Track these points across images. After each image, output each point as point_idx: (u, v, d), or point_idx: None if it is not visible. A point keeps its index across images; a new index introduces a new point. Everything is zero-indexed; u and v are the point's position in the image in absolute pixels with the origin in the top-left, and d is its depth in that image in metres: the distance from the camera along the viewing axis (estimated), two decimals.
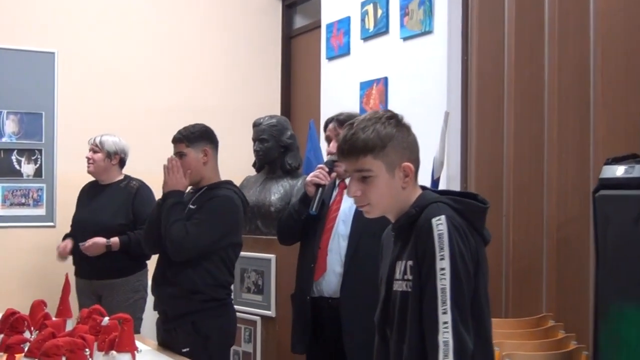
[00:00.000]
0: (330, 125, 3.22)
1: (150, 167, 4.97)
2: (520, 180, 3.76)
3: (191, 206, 3.31)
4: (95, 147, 4.33)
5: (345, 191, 3.16)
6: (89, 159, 4.34)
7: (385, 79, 4.62)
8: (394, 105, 4.52)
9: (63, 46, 5.33)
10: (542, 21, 3.68)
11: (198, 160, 3.35)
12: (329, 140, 3.24)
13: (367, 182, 1.92)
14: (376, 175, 1.91)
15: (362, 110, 4.78)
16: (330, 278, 3.11)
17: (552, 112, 3.60)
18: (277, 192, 4.41)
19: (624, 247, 2.73)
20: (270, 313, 4.16)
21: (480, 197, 1.96)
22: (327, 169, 3.15)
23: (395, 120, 1.95)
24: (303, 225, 3.22)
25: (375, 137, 1.89)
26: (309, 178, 3.18)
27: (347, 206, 3.17)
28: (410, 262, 1.88)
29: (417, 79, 4.37)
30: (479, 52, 4.08)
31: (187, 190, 3.43)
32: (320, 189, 3.12)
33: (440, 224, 1.82)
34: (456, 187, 4.05)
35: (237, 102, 5.92)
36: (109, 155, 4.34)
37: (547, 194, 3.61)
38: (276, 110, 5.96)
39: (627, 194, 2.74)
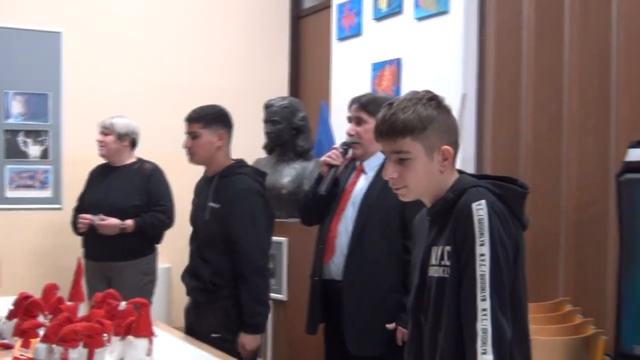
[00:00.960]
0: (353, 106, 3.16)
1: (158, 147, 4.95)
2: (538, 162, 3.70)
3: (212, 204, 3.22)
4: (106, 130, 4.28)
5: (361, 174, 3.18)
6: (100, 142, 4.29)
7: (399, 60, 4.55)
8: (407, 87, 4.45)
9: (69, 26, 5.25)
10: None
11: (212, 144, 3.26)
12: (349, 120, 3.19)
13: (404, 165, 1.86)
14: (414, 157, 1.85)
15: (375, 90, 4.71)
16: (339, 261, 3.10)
17: (572, 92, 3.54)
18: (288, 174, 4.37)
19: None
20: (282, 297, 4.14)
21: (520, 182, 1.90)
22: (340, 150, 3.11)
23: (436, 101, 1.89)
24: (320, 205, 3.20)
25: (416, 118, 1.84)
26: (322, 158, 3.16)
27: (359, 189, 3.14)
28: (448, 248, 1.82)
29: (432, 60, 4.30)
30: (497, 32, 4.01)
31: (199, 181, 3.44)
32: (333, 169, 3.10)
33: (480, 209, 1.76)
34: (470, 169, 3.99)
35: (244, 83, 5.85)
36: (120, 137, 4.29)
37: (565, 176, 3.56)
38: (284, 91, 5.90)
39: None
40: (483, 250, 1.73)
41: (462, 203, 1.80)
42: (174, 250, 4.93)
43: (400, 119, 1.84)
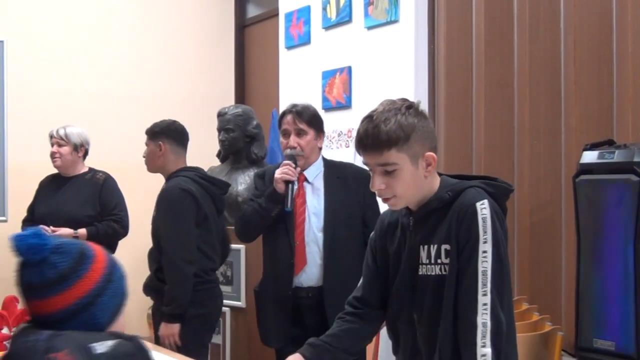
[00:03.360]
0: (289, 118, 3.16)
1: (104, 156, 4.88)
2: (491, 166, 3.82)
3: (154, 212, 3.54)
4: (61, 141, 4.19)
5: (304, 184, 3.21)
6: (54, 153, 4.19)
7: (349, 68, 4.62)
8: (358, 95, 4.54)
9: (12, 34, 5.13)
10: (512, 8, 3.74)
11: (155, 153, 3.57)
12: (287, 133, 3.18)
13: (391, 175, 1.87)
14: (401, 168, 1.86)
15: (325, 98, 4.78)
16: (312, 270, 3.17)
17: (522, 99, 3.67)
18: (243, 182, 4.38)
19: (606, 230, 2.82)
20: (241, 304, 4.14)
21: (500, 180, 1.98)
22: (293, 165, 3.11)
23: (414, 109, 1.90)
24: (270, 222, 3.18)
25: (398, 129, 1.84)
26: (277, 175, 3.09)
27: (313, 198, 3.21)
28: (445, 246, 1.87)
29: (383, 68, 4.39)
30: (447, 41, 4.12)
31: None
32: (290, 184, 3.08)
33: (484, 208, 1.83)
34: None
35: (191, 92, 5.85)
36: (76, 147, 4.21)
37: (518, 180, 3.68)
38: (230, 100, 5.91)
39: (608, 178, 2.82)
40: (486, 247, 1.80)
41: (466, 203, 1.85)
42: (123, 261, 4.86)
43: (384, 131, 1.84)
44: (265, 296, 3.29)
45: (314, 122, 3.18)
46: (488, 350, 1.75)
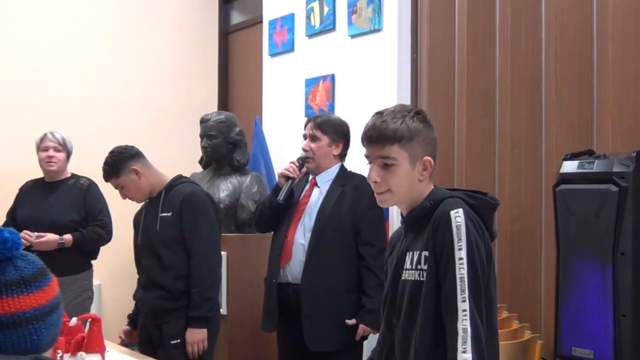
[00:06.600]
0: (309, 125, 3.41)
1: (85, 162, 4.83)
2: (472, 175, 3.85)
3: (164, 214, 3.35)
4: (59, 146, 4.18)
5: (314, 187, 3.42)
6: (51, 157, 4.16)
7: (332, 76, 4.64)
8: (342, 102, 4.55)
9: None
10: (494, 18, 3.78)
11: (136, 182, 3.37)
12: (305, 137, 3.43)
13: (389, 170, 1.96)
14: (399, 164, 1.95)
15: (308, 106, 4.79)
16: (295, 266, 3.35)
17: (504, 108, 3.71)
18: (225, 188, 4.38)
19: (585, 239, 2.85)
20: (222, 311, 4.12)
21: (490, 195, 2.03)
22: (297, 164, 3.36)
23: (422, 116, 2.00)
24: (275, 214, 3.43)
25: (405, 128, 1.94)
26: (280, 170, 3.39)
27: (314, 200, 3.40)
28: (425, 253, 1.92)
29: (366, 77, 4.41)
30: (430, 50, 4.15)
31: (141, 207, 3.55)
32: (290, 180, 3.35)
33: (458, 216, 1.87)
34: None
35: (174, 99, 5.83)
36: (69, 154, 4.26)
37: (499, 189, 3.71)
38: (214, 107, 5.90)
39: (587, 188, 2.85)
40: (461, 254, 1.85)
41: (441, 211, 1.91)
42: (104, 267, 4.87)
43: (391, 127, 1.94)
44: (265, 285, 3.52)
45: (329, 130, 3.39)
46: (469, 356, 1.78)
